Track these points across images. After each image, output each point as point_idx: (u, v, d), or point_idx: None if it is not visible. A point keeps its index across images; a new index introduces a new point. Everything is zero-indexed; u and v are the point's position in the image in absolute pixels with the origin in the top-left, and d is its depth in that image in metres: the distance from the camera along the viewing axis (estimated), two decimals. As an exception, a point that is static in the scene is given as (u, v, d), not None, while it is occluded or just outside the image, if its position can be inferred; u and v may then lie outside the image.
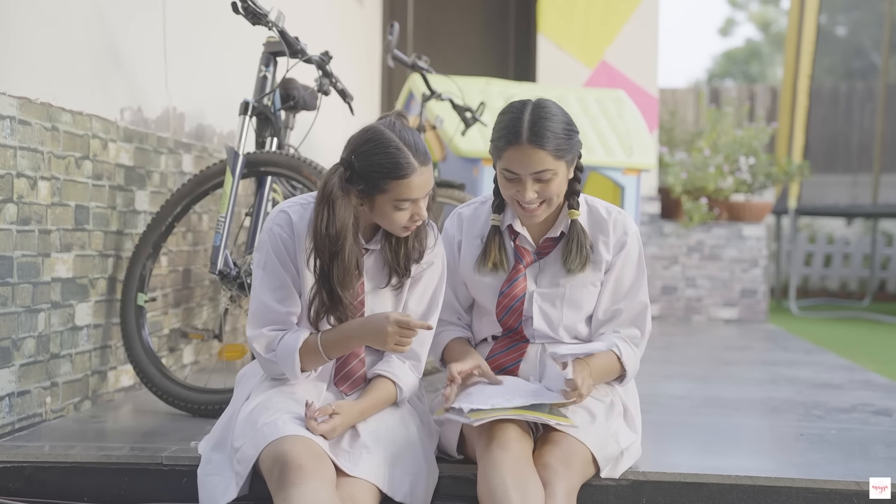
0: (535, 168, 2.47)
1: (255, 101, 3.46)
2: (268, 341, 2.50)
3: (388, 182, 2.38)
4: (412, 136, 2.42)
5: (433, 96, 4.38)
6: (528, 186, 2.49)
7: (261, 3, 3.32)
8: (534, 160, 2.46)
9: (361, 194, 2.42)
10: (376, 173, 2.38)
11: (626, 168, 5.06)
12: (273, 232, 2.51)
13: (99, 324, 3.43)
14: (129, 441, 2.93)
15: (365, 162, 2.39)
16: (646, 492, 2.59)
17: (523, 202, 2.52)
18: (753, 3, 26.34)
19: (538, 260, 2.66)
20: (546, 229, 2.67)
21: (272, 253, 2.51)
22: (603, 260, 2.65)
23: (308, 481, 2.23)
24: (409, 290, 2.58)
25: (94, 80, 3.38)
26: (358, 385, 2.56)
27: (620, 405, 2.65)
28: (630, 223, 2.68)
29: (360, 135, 2.43)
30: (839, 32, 22.05)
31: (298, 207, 2.54)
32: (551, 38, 7.34)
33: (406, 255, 2.52)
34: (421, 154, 2.40)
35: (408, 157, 2.38)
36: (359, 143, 2.42)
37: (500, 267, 2.65)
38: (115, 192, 3.49)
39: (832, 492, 2.51)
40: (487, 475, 2.35)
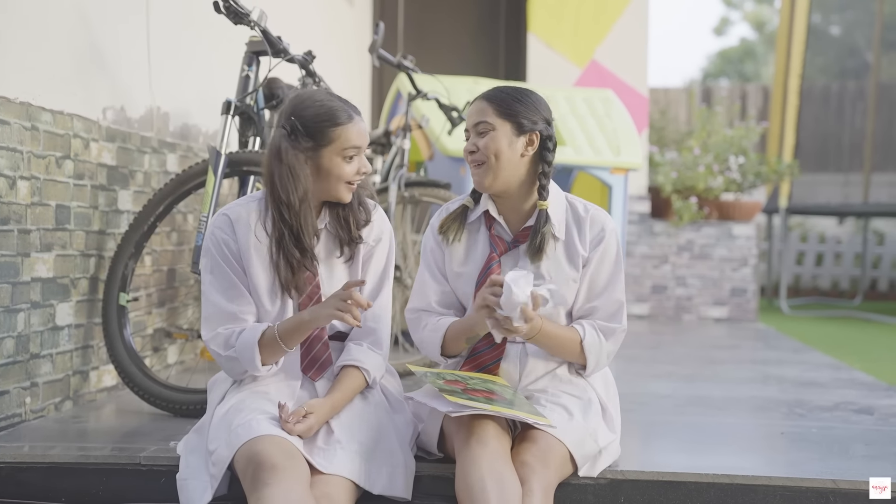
0: (476, 119, 2.59)
1: (238, 101, 3.45)
2: (225, 339, 2.52)
3: (335, 129, 2.49)
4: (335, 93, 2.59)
5: (419, 96, 4.39)
6: (471, 138, 2.62)
7: (243, 3, 3.32)
8: (476, 110, 2.60)
9: (309, 153, 2.50)
10: (323, 123, 2.49)
11: (613, 167, 5.06)
12: (215, 236, 2.57)
13: (81, 324, 3.42)
14: (110, 441, 2.93)
15: (307, 116, 2.50)
16: (624, 490, 2.59)
17: (466, 152, 2.62)
18: (748, 3, 26.36)
19: (513, 249, 2.66)
20: (524, 219, 2.67)
21: (217, 256, 2.56)
22: (579, 255, 2.65)
23: (281, 481, 2.23)
24: (362, 268, 2.63)
25: (76, 80, 3.37)
26: (325, 368, 2.58)
27: (598, 403, 2.65)
28: (608, 221, 2.69)
29: (291, 100, 2.55)
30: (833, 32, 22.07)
31: (237, 207, 2.60)
32: (541, 38, 7.34)
33: (355, 221, 2.59)
34: (351, 106, 2.56)
35: (342, 105, 2.53)
36: (295, 105, 2.52)
37: (449, 235, 2.68)
38: (97, 192, 3.48)
39: (808, 490, 2.51)
40: (465, 471, 2.35)
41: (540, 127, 2.61)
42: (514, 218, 2.67)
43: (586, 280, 2.65)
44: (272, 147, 2.51)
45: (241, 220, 2.57)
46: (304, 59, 3.47)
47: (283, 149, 2.49)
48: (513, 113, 2.58)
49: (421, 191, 4.16)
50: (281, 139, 2.50)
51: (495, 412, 2.39)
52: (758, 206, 7.48)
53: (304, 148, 2.50)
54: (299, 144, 2.50)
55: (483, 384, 2.53)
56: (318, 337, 2.58)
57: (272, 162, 2.50)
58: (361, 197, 2.63)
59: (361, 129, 2.53)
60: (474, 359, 2.65)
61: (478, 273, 2.64)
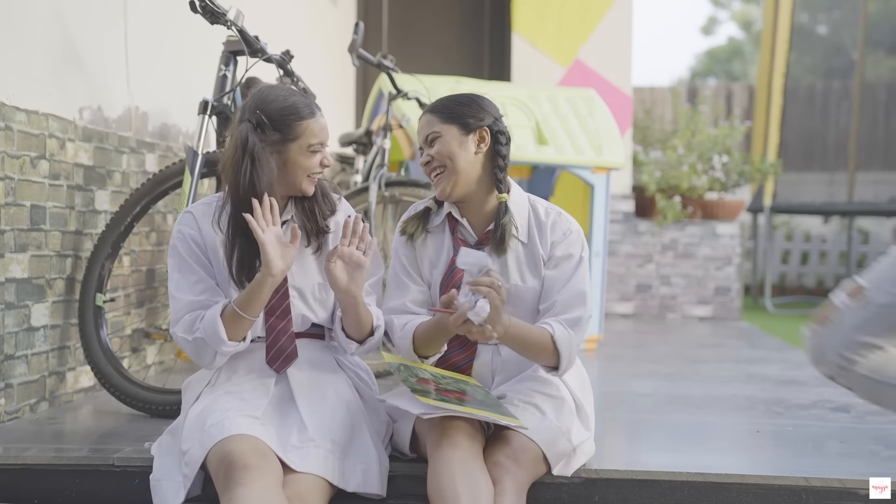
0: (425, 132, 2.63)
1: (215, 101, 3.44)
2: (190, 323, 2.52)
3: (300, 123, 2.52)
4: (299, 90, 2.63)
5: (400, 95, 4.38)
6: (424, 151, 2.64)
7: (219, 2, 3.31)
8: (423, 124, 2.64)
9: (274, 146, 2.51)
10: (289, 117, 2.51)
11: (595, 167, 5.07)
12: (182, 233, 2.58)
13: (57, 324, 3.41)
14: (86, 442, 2.91)
15: (274, 110, 2.51)
16: (598, 489, 2.59)
17: (422, 166, 2.64)
18: (735, 2, 26.41)
19: None
20: (488, 221, 2.67)
21: (184, 253, 2.57)
22: (540, 258, 2.65)
23: (254, 481, 2.23)
24: None
25: (52, 80, 3.36)
26: (290, 361, 2.58)
27: (572, 402, 2.65)
28: (571, 223, 2.68)
29: (254, 95, 2.56)
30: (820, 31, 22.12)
31: (200, 205, 2.61)
32: (526, 37, 7.34)
33: (320, 212, 2.61)
34: (312, 101, 2.59)
35: (304, 100, 2.56)
36: (261, 99, 2.54)
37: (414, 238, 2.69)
38: (73, 192, 3.47)
39: (781, 487, 2.52)
40: (437, 473, 2.35)
41: (488, 122, 2.63)
42: (478, 220, 2.68)
43: (548, 281, 2.64)
44: (238, 139, 2.51)
45: (206, 217, 2.58)
46: (281, 58, 3.47)
47: (250, 141, 2.50)
48: (456, 115, 2.62)
49: (401, 190, 4.15)
50: (248, 132, 2.50)
51: (467, 413, 2.39)
52: (741, 205, 7.49)
53: (271, 141, 2.51)
54: (266, 137, 2.51)
55: (455, 384, 2.52)
56: (284, 329, 2.58)
57: (237, 153, 2.50)
58: (325, 189, 2.65)
59: (323, 124, 2.57)
60: (446, 360, 2.65)
61: (442, 276, 2.64)
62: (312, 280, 2.61)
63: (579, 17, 7.32)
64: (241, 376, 2.57)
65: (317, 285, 2.61)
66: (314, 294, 2.61)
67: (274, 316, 2.57)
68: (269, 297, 2.50)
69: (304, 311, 2.60)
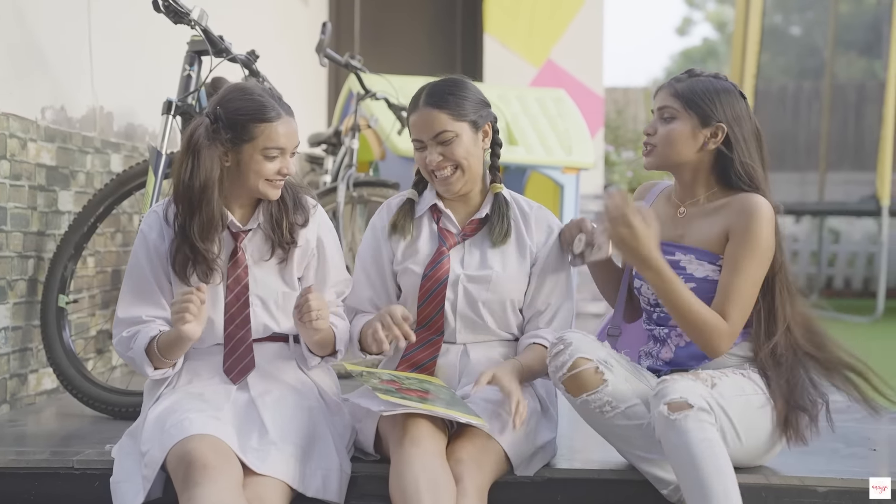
0: (434, 130, 2.54)
1: (179, 101, 3.42)
2: (126, 342, 2.51)
3: (256, 126, 2.43)
4: (275, 91, 2.53)
5: (368, 95, 4.38)
6: (431, 150, 2.55)
7: (183, 2, 3.29)
8: (431, 122, 2.54)
9: (228, 145, 2.44)
10: (243, 117, 2.44)
11: (565, 167, 5.08)
12: (144, 235, 2.54)
13: (18, 326, 3.38)
14: (47, 445, 2.90)
15: (231, 108, 2.45)
16: (560, 489, 2.59)
17: (431, 167, 2.56)
18: (710, 3, 26.56)
19: (462, 241, 2.66)
20: (472, 211, 2.67)
21: (141, 256, 2.53)
22: (528, 248, 2.66)
23: (213, 481, 2.21)
24: (320, 275, 2.60)
25: (13, 79, 3.33)
26: (247, 372, 2.55)
27: (537, 402, 2.65)
28: (553, 219, 2.71)
29: (224, 90, 2.50)
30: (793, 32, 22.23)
31: (166, 202, 2.56)
32: (497, 37, 7.36)
33: (289, 224, 2.53)
34: (285, 106, 2.50)
35: (272, 103, 2.46)
36: (223, 95, 2.48)
37: (403, 231, 2.66)
38: (35, 193, 3.44)
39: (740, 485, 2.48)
40: (400, 472, 2.34)
41: (491, 117, 2.65)
42: (463, 211, 2.68)
43: (535, 278, 2.66)
44: (188, 133, 2.47)
45: (169, 216, 2.54)
46: (246, 58, 3.45)
47: (196, 134, 2.45)
48: (467, 111, 2.58)
49: (369, 190, 4.15)
50: (199, 125, 2.46)
51: (428, 411, 2.38)
52: (712, 204, 7.52)
53: (224, 139, 2.45)
54: (219, 135, 2.45)
55: (419, 384, 2.52)
56: (243, 339, 2.54)
57: (182, 147, 2.47)
58: (299, 197, 2.58)
59: (290, 129, 2.48)
60: (408, 358, 2.64)
61: (424, 268, 2.63)
62: (275, 289, 2.56)
63: (550, 17, 7.34)
64: (203, 379, 2.55)
65: (280, 294, 2.57)
66: (277, 303, 2.57)
67: (233, 324, 2.53)
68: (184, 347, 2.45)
69: (265, 320, 2.56)
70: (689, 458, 2.28)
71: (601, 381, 2.43)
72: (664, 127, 2.56)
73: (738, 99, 2.56)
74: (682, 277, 2.50)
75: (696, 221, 2.57)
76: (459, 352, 2.66)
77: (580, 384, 2.44)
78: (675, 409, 2.30)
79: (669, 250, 2.55)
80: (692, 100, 2.54)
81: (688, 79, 2.58)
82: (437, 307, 2.63)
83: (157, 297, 2.52)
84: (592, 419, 2.49)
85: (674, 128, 2.54)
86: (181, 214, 2.47)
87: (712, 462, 2.27)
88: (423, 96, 2.58)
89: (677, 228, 2.59)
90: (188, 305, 2.35)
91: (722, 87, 2.56)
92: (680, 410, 2.30)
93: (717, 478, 2.26)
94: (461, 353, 2.66)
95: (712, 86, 2.55)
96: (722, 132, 2.53)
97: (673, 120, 2.55)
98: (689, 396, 2.31)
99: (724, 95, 2.54)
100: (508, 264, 2.64)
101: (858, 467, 2.71)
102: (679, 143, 2.54)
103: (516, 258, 2.66)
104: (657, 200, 2.69)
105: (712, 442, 2.29)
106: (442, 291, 2.62)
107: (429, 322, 2.64)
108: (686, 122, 2.54)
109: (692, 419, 2.29)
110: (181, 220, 2.48)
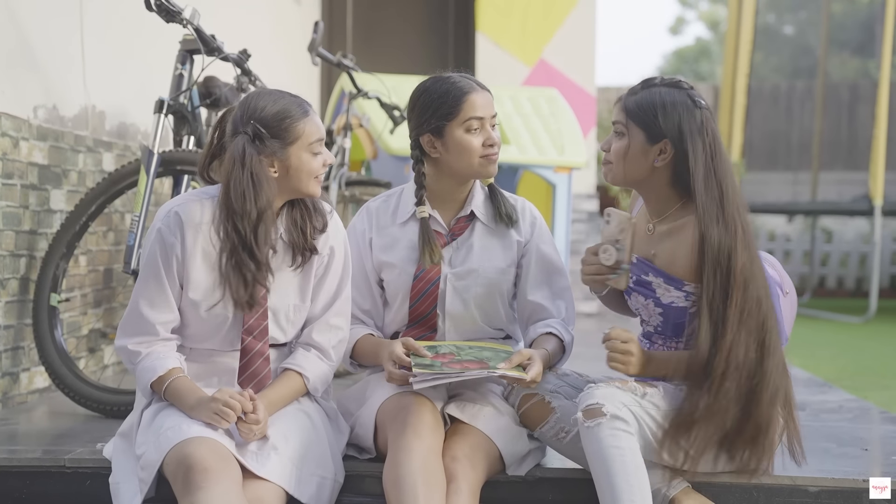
0: (493, 111, 2.61)
1: (171, 100, 3.42)
2: (129, 355, 2.48)
3: (297, 124, 2.40)
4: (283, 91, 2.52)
5: (360, 94, 4.37)
6: (491, 128, 2.60)
7: (175, 1, 3.29)
8: (491, 102, 2.62)
9: (276, 155, 2.40)
10: (285, 121, 2.40)
11: (557, 166, 5.09)
12: (162, 237, 2.44)
13: (10, 325, 3.37)
14: (39, 444, 2.89)
15: (269, 115, 2.40)
16: (551, 488, 2.60)
17: (494, 143, 2.60)
18: (703, 2, 26.58)
19: (451, 242, 2.67)
20: (457, 210, 2.69)
21: (158, 257, 2.44)
22: (515, 241, 2.68)
23: (215, 484, 2.20)
24: (317, 283, 2.55)
25: (4, 78, 3.32)
26: (263, 385, 2.51)
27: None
28: (535, 209, 2.76)
29: (242, 105, 2.43)
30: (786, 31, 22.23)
31: (191, 204, 2.47)
32: (490, 37, 7.36)
33: (311, 229, 2.49)
34: (301, 99, 2.47)
35: (295, 100, 2.45)
36: (250, 108, 2.42)
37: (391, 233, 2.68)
38: (27, 191, 3.44)
39: (732, 485, 2.51)
40: (397, 461, 2.34)
41: None
42: (448, 210, 2.70)
43: (531, 270, 2.69)
44: (234, 153, 2.37)
45: (192, 220, 2.44)
46: (238, 57, 3.45)
47: (247, 154, 2.36)
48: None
49: (362, 190, 4.15)
50: (244, 144, 2.37)
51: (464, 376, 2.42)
52: (705, 204, 7.53)
53: (271, 151, 2.39)
54: (266, 148, 2.39)
55: (479, 352, 2.54)
56: (260, 352, 2.49)
57: (234, 169, 2.37)
58: (317, 201, 2.54)
59: (318, 120, 2.47)
60: None
61: (416, 268, 2.64)
62: (289, 301, 2.52)
63: (543, 16, 7.34)
64: (201, 383, 2.52)
65: (292, 307, 2.53)
66: (288, 315, 2.53)
67: (251, 336, 2.48)
68: None
69: (275, 332, 2.52)
70: (601, 464, 2.29)
71: (550, 411, 2.51)
72: (616, 143, 2.48)
73: (691, 110, 2.40)
74: (651, 301, 2.49)
75: (664, 242, 2.49)
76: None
77: (533, 418, 2.53)
78: (589, 417, 2.31)
79: (644, 269, 2.50)
80: (637, 115, 2.42)
81: (640, 91, 2.45)
82: (430, 306, 2.64)
83: (169, 300, 2.45)
84: (555, 446, 2.56)
85: (623, 144, 2.45)
86: (246, 234, 2.38)
87: (621, 470, 2.27)
88: (475, 82, 2.62)
89: (650, 246, 2.52)
90: (230, 413, 2.32)
91: (671, 99, 2.41)
92: (593, 418, 2.30)
93: (625, 486, 2.26)
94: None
95: (660, 98, 2.41)
96: (670, 148, 2.41)
97: (622, 136, 2.46)
98: (605, 403, 2.31)
99: (670, 109, 2.40)
100: (494, 257, 2.67)
101: (850, 467, 2.72)
102: (631, 161, 2.45)
103: (501, 250, 2.68)
104: (640, 212, 2.62)
105: (623, 450, 2.28)
106: (434, 291, 2.63)
107: (421, 320, 2.66)
108: (635, 138, 2.44)
109: (605, 427, 2.29)
110: (247, 241, 2.38)
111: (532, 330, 2.68)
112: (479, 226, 2.69)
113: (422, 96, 2.63)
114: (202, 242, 2.44)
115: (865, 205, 8.60)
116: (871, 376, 5.47)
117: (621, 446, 2.29)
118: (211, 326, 2.48)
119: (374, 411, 2.57)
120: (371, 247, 2.70)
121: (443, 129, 2.59)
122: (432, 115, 2.59)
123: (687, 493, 2.44)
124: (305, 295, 2.54)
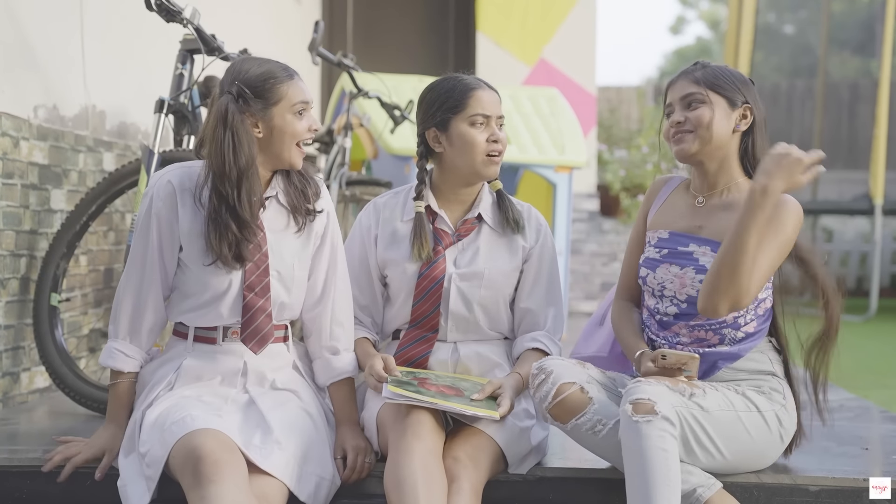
0: (499, 111, 2.65)
1: (171, 99, 3.42)
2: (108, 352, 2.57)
3: (280, 85, 2.44)
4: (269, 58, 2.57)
5: (360, 94, 4.38)
6: (496, 126, 2.63)
7: (175, 0, 3.29)
8: (498, 104, 2.65)
9: (260, 115, 2.44)
10: (269, 80, 2.44)
11: (557, 166, 5.09)
12: (158, 211, 2.49)
13: (11, 325, 3.37)
14: (39, 444, 2.88)
15: (252, 77, 2.45)
16: (552, 487, 2.60)
17: (498, 139, 2.62)
18: (703, 2, 26.59)
19: (457, 242, 2.67)
20: (465, 212, 2.70)
21: (153, 234, 2.50)
22: (520, 246, 2.69)
23: (226, 477, 2.20)
24: (317, 250, 2.59)
25: (4, 78, 3.32)
26: (267, 341, 2.53)
27: (531, 401, 2.65)
28: (541, 217, 2.77)
29: (229, 69, 2.49)
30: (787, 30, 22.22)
31: (180, 170, 2.53)
32: (490, 36, 7.37)
33: (313, 192, 2.55)
34: (286, 65, 2.52)
35: (280, 64, 2.50)
36: (236, 71, 2.47)
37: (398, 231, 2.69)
38: (27, 191, 3.44)
39: (732, 484, 2.49)
40: (398, 463, 2.35)
41: None
42: (455, 211, 2.70)
43: (528, 276, 2.70)
44: (217, 112, 2.42)
45: (185, 187, 2.50)
46: (238, 57, 3.45)
47: (229, 112, 2.41)
48: None
49: (362, 189, 4.16)
50: (228, 103, 2.42)
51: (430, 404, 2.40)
52: (705, 203, 7.54)
53: (254, 110, 2.44)
54: (249, 107, 2.43)
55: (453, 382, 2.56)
56: (262, 308, 2.51)
57: (216, 128, 2.42)
58: (308, 170, 2.58)
59: (303, 85, 2.50)
60: (401, 354, 2.67)
61: (420, 267, 2.64)
62: (290, 263, 2.55)
63: (543, 16, 7.35)
64: (202, 382, 2.53)
65: (293, 266, 2.56)
66: (291, 275, 2.56)
67: (252, 293, 2.50)
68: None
69: (281, 293, 2.54)
70: (642, 462, 2.25)
71: (588, 401, 2.42)
72: (694, 113, 2.53)
73: (752, 86, 2.59)
74: (692, 267, 2.51)
75: (716, 213, 2.55)
76: (450, 349, 2.68)
77: (568, 409, 2.43)
78: (640, 411, 2.27)
79: (684, 241, 2.54)
80: (716, 83, 2.53)
81: (702, 68, 2.58)
82: (433, 305, 2.64)
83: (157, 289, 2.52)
84: (586, 441, 2.47)
85: (706, 111, 2.52)
86: (228, 193, 2.42)
87: (663, 474, 2.23)
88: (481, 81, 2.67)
89: (696, 220, 2.57)
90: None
91: (737, 73, 2.58)
92: (644, 413, 2.27)
93: (664, 490, 2.22)
94: (451, 350, 2.68)
95: (730, 72, 2.57)
96: (751, 113, 2.55)
97: (702, 105, 2.53)
98: (657, 401, 2.28)
99: (741, 80, 2.56)
100: (500, 260, 2.67)
101: (850, 466, 2.72)
102: (716, 124, 2.52)
103: (507, 254, 2.68)
104: (674, 193, 2.67)
105: (668, 454, 2.25)
106: (438, 290, 2.64)
107: (423, 319, 2.66)
108: (718, 104, 2.52)
109: (654, 426, 2.26)
110: (229, 200, 2.42)
111: (519, 343, 2.71)
112: (485, 229, 2.70)
113: (429, 93, 2.67)
114: (191, 203, 2.49)
115: (866, 204, 8.60)
116: (872, 375, 5.47)
117: (667, 449, 2.25)
118: (215, 292, 2.49)
119: (374, 413, 2.57)
120: (376, 243, 2.71)
121: (448, 122, 2.61)
122: (438, 109, 2.62)
123: (721, 495, 2.41)
124: (305, 250, 2.57)
